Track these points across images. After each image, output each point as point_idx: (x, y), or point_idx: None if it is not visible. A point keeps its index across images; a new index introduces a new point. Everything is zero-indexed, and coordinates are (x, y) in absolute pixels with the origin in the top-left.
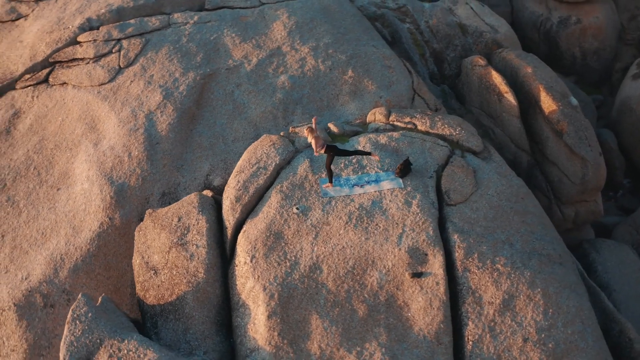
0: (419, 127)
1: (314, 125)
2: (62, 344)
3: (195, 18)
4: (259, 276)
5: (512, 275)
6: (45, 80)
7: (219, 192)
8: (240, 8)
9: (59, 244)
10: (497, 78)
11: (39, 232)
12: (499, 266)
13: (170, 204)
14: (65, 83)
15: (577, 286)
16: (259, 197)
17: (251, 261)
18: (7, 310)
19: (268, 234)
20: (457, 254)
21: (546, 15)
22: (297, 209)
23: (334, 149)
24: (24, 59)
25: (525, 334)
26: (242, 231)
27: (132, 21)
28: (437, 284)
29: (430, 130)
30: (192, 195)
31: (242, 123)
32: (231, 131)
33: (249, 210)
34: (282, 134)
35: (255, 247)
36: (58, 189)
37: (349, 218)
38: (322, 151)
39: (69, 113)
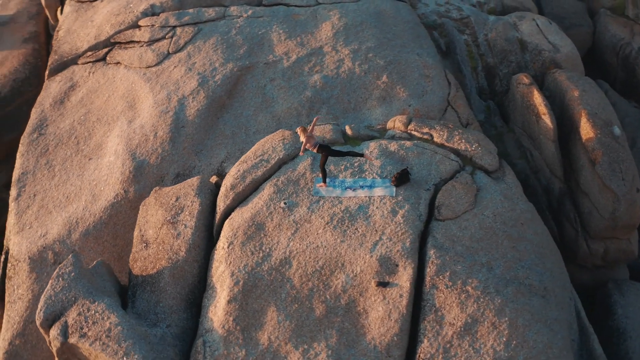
0: (435, 139)
1: (312, 125)
2: (42, 296)
3: (250, 12)
4: (230, 262)
5: (481, 299)
6: (104, 58)
7: None
8: (295, 6)
9: (77, 208)
10: (537, 98)
11: (64, 195)
12: (469, 288)
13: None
14: (119, 63)
15: (554, 322)
16: (254, 188)
17: (228, 247)
18: (22, 262)
19: (251, 224)
20: (428, 270)
21: (627, 40)
22: (285, 203)
23: (327, 149)
24: (90, 37)
25: None
26: (229, 218)
27: (190, 10)
28: (401, 296)
29: (446, 144)
30: (195, 178)
31: (267, 116)
32: (255, 123)
33: (241, 199)
34: (297, 130)
35: (235, 235)
36: (90, 159)
37: (331, 219)
38: (315, 150)
39: (115, 90)
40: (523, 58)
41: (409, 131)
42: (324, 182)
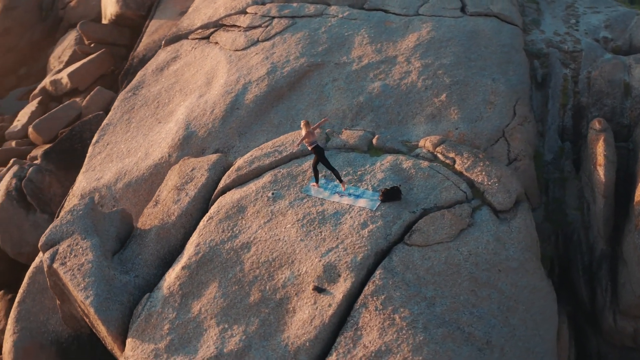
0: (456, 165)
1: (317, 124)
2: (51, 224)
3: (346, 13)
4: (201, 234)
5: (403, 331)
6: (208, 37)
7: None
8: (394, 14)
9: (130, 162)
10: (600, 147)
11: (127, 149)
12: (397, 317)
13: None
14: (217, 43)
15: None
16: (258, 175)
17: (207, 220)
18: (74, 198)
19: (235, 205)
20: (366, 288)
21: None
22: (272, 194)
23: (320, 153)
24: (205, 17)
25: None
26: (222, 195)
27: (294, 4)
28: (330, 306)
29: (464, 172)
30: (215, 155)
31: (315, 113)
32: (302, 117)
33: (242, 182)
34: (327, 130)
35: (218, 211)
36: (159, 122)
37: (303, 217)
38: (309, 148)
39: (203, 67)
40: (621, 103)
41: (435, 152)
42: (317, 182)
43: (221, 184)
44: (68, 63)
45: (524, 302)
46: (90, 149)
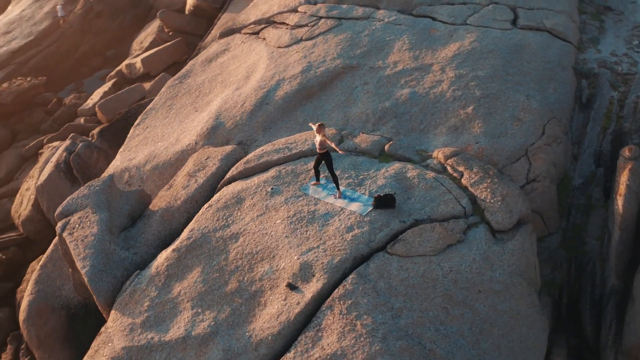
0: (462, 179)
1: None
2: (69, 196)
3: (392, 18)
4: (198, 220)
5: (361, 338)
6: (258, 32)
7: None
8: (441, 21)
9: (161, 146)
10: (625, 175)
11: (162, 134)
12: (359, 323)
13: None
14: (264, 39)
15: None
16: (264, 169)
17: (206, 208)
18: (107, 174)
19: (235, 196)
20: (336, 291)
21: None
22: (272, 189)
23: (328, 158)
24: (259, 12)
25: None
26: (226, 186)
27: (344, 6)
28: (298, 304)
29: (469, 187)
30: (230, 146)
31: (339, 115)
32: (327, 117)
33: (248, 174)
34: (343, 132)
35: (218, 200)
36: (196, 111)
37: (294, 215)
38: (319, 150)
39: (247, 61)
40: None
41: (445, 164)
42: (317, 180)
43: (228, 175)
44: (147, 49)
45: (501, 327)
46: (131, 130)
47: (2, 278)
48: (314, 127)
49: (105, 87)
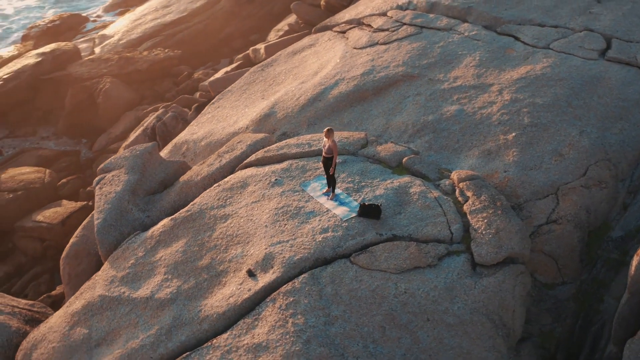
0: (465, 205)
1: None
2: (114, 156)
3: (472, 33)
4: (203, 196)
5: (287, 336)
6: (345, 32)
7: None
8: (522, 42)
9: (221, 126)
10: None
11: (226, 115)
12: (291, 321)
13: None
14: (347, 38)
15: None
16: (279, 160)
17: (215, 187)
18: (171, 145)
19: (242, 180)
20: (285, 287)
21: None
22: (275, 180)
23: (331, 163)
24: (354, 13)
25: None
26: (242, 170)
27: (430, 15)
28: (249, 290)
29: (467, 214)
30: (262, 134)
31: (381, 121)
32: (369, 122)
33: (264, 163)
34: (370, 138)
35: (227, 182)
36: (262, 98)
37: (281, 207)
38: (324, 154)
39: (323, 57)
40: None
41: (456, 186)
42: (333, 192)
43: (247, 160)
44: (281, 37)
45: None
46: (206, 107)
47: None
48: (325, 131)
49: (229, 67)
